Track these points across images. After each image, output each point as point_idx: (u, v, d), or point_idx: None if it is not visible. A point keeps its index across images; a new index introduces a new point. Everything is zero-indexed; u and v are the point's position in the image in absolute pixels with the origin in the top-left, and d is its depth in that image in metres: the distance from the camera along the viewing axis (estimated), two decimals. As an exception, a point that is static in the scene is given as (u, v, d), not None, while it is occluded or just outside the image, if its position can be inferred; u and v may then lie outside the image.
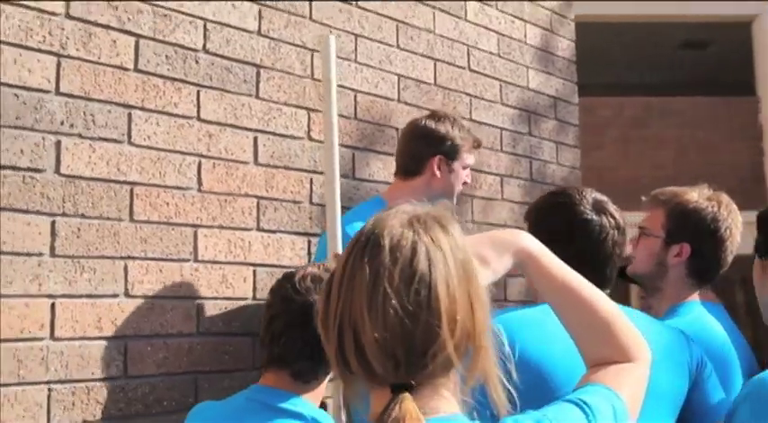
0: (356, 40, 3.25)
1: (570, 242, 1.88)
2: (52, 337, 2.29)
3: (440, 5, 3.62)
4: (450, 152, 2.79)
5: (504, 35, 3.94)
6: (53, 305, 2.30)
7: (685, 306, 2.25)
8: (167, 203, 2.59)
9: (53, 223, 2.33)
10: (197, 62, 2.72)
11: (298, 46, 3.03)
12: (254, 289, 2.79)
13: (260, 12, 2.92)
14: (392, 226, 1.07)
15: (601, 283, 1.90)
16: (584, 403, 1.16)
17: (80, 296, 2.36)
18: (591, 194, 1.93)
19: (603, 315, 1.29)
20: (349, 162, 3.16)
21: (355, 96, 3.22)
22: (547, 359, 1.73)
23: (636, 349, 1.29)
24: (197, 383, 2.60)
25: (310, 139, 3.04)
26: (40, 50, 2.35)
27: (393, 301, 1.02)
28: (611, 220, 1.88)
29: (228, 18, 2.82)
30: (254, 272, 2.80)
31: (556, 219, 1.93)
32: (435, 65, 3.57)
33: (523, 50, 4.05)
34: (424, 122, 2.84)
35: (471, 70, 3.74)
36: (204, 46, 2.74)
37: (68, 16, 2.42)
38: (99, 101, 2.46)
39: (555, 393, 1.48)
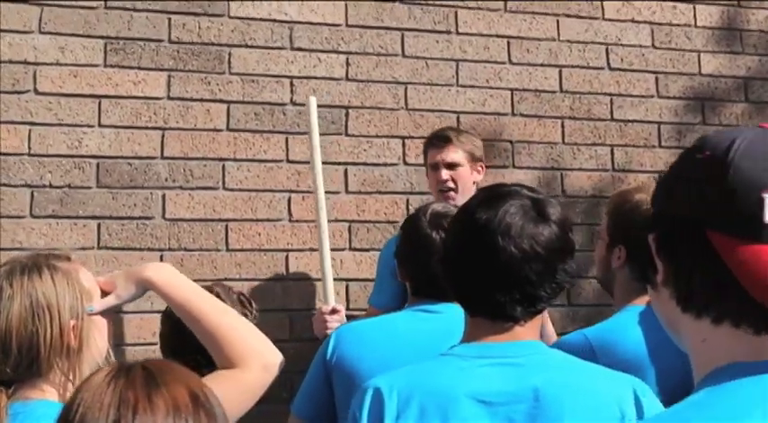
0: (457, 65, 3.48)
1: (411, 256, 2.04)
2: (163, 342, 3.05)
3: (566, 12, 3.64)
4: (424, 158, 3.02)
5: (660, 24, 3.75)
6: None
7: (621, 311, 2.16)
8: (259, 234, 3.20)
9: (161, 257, 3.09)
10: (284, 114, 3.28)
11: (389, 82, 3.40)
12: (348, 300, 3.24)
13: (347, 60, 3.37)
14: None
15: (441, 295, 2.03)
16: None
17: (184, 311, 3.08)
18: (435, 209, 2.04)
19: (211, 331, 1.56)
20: (452, 179, 3.41)
21: (458, 117, 3.46)
22: (360, 363, 1.95)
23: (245, 358, 1.55)
24: (291, 381, 3.14)
25: (405, 163, 3.38)
26: (147, 128, 3.14)
27: None
28: (443, 234, 1.98)
29: (315, 71, 3.33)
30: (347, 286, 3.25)
31: (403, 235, 2.09)
32: (560, 72, 3.60)
33: (691, 35, 3.79)
34: None
35: (611, 69, 3.67)
36: (291, 99, 3.29)
37: (169, 98, 3.18)
38: (196, 159, 3.17)
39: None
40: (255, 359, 1.57)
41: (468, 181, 2.93)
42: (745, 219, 0.94)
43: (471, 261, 1.45)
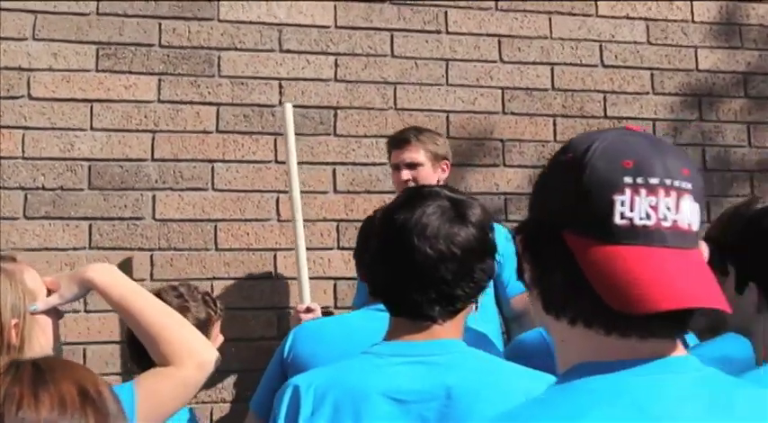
0: (447, 64, 3.49)
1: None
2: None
3: (558, 9, 3.62)
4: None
5: (655, 20, 3.72)
6: (152, 317, 3.12)
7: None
8: (247, 234, 3.25)
9: (151, 256, 3.15)
10: (273, 115, 3.32)
11: (377, 82, 3.42)
12: (335, 299, 3.28)
13: (336, 61, 3.40)
14: None
15: None
16: None
17: (174, 309, 3.14)
18: None
19: (148, 329, 1.61)
20: (441, 178, 3.42)
21: (447, 117, 3.47)
22: (314, 361, 1.98)
23: (180, 356, 1.59)
24: (279, 378, 3.19)
25: (394, 163, 3.40)
26: (138, 130, 3.21)
27: None
28: None
29: (303, 73, 3.37)
30: (335, 284, 3.28)
31: (360, 235, 2.12)
32: (552, 69, 3.59)
33: (688, 30, 3.75)
34: None
35: (605, 66, 3.65)
36: (280, 101, 3.33)
37: (160, 101, 3.24)
38: (186, 160, 3.23)
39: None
40: (190, 357, 1.61)
41: (431, 180, 2.90)
42: (597, 220, 0.95)
43: (390, 261, 1.47)
